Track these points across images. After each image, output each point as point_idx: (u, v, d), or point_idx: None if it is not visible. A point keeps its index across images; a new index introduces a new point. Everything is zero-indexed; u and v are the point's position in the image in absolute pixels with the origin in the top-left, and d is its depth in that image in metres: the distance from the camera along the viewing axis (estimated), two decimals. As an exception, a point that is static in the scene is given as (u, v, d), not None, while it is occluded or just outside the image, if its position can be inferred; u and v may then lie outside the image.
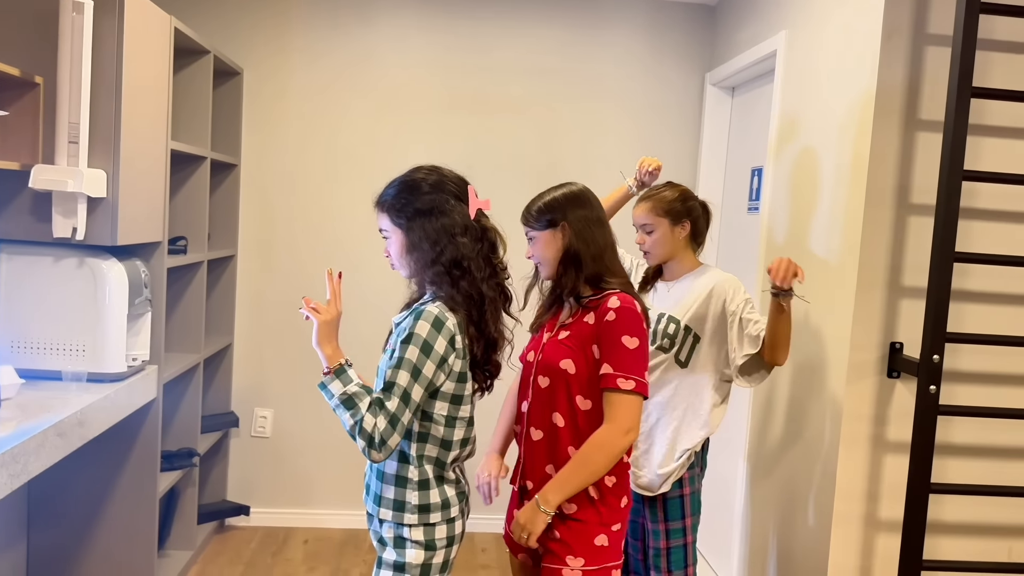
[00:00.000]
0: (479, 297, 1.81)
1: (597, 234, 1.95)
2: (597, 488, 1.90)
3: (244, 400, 3.84)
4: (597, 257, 1.94)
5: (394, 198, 1.84)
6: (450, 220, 1.80)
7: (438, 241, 1.79)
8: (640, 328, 1.87)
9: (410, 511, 1.80)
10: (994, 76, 2.23)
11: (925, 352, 2.07)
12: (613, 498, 1.92)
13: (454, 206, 1.82)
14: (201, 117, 3.23)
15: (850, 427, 2.31)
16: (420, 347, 1.73)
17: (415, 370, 1.73)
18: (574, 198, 1.97)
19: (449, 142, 3.77)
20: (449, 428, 1.83)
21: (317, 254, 3.80)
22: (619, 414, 1.85)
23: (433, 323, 1.75)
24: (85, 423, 2.23)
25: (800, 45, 2.82)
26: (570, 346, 1.92)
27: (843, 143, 2.43)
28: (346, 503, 3.90)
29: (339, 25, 3.72)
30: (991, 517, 2.35)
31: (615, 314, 1.86)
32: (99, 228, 2.40)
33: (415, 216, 1.81)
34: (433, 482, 1.82)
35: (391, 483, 1.82)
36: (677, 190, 2.45)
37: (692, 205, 2.45)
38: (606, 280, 1.93)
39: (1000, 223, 2.28)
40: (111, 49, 2.35)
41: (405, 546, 1.81)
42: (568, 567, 1.88)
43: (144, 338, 2.67)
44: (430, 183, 1.83)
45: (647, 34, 3.84)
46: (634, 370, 1.84)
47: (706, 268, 2.48)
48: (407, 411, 1.73)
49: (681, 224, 2.42)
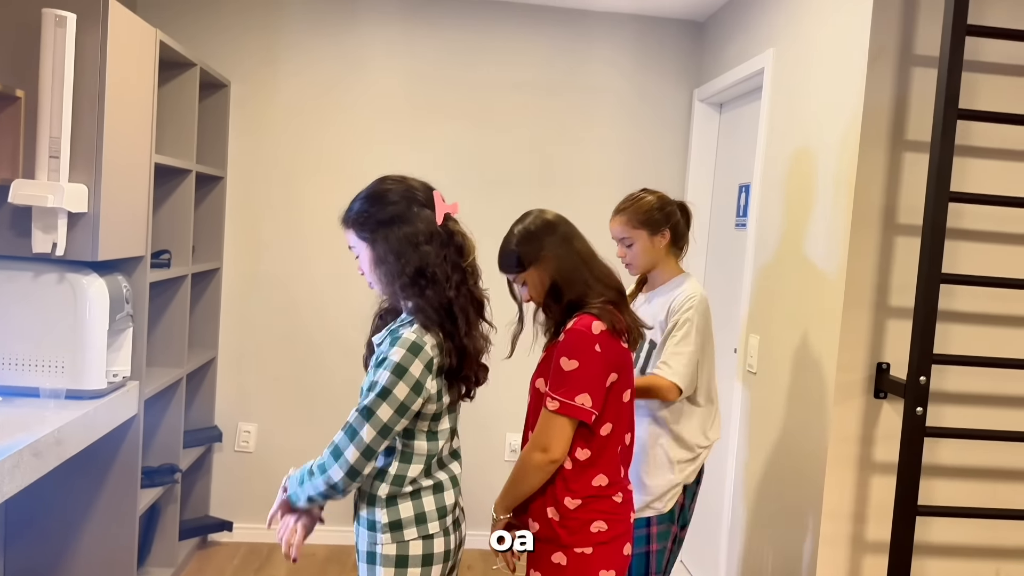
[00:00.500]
0: (448, 305, 1.78)
1: (567, 258, 1.94)
2: (556, 509, 1.89)
3: (228, 414, 3.80)
4: (573, 280, 1.92)
5: (357, 212, 1.82)
6: (413, 228, 1.77)
7: (402, 252, 1.76)
8: (584, 350, 1.83)
9: (381, 530, 1.79)
10: (980, 98, 2.23)
11: (912, 374, 2.06)
12: (575, 521, 1.88)
13: (417, 213, 1.79)
14: (187, 130, 3.21)
15: (837, 448, 2.30)
16: (392, 371, 1.71)
17: (384, 391, 1.71)
18: (534, 231, 1.96)
19: (437, 155, 3.76)
20: (432, 443, 1.82)
21: (303, 266, 3.77)
22: (538, 432, 1.87)
23: (409, 348, 1.72)
24: (63, 442, 2.19)
25: (788, 63, 2.82)
26: (543, 367, 1.96)
27: (830, 162, 2.43)
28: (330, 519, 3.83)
29: (326, 37, 3.70)
30: (978, 539, 2.34)
31: (565, 335, 1.87)
32: (80, 243, 2.37)
33: (378, 228, 1.78)
34: (405, 498, 1.79)
35: (364, 502, 1.83)
36: (652, 197, 2.38)
37: (670, 211, 2.38)
38: (585, 301, 1.91)
39: (986, 244, 2.28)
40: (94, 63, 2.33)
41: (376, 562, 1.79)
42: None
43: (125, 354, 2.63)
44: (393, 192, 1.81)
45: (634, 49, 3.84)
46: (562, 391, 1.83)
47: (684, 278, 2.40)
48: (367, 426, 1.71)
49: (661, 233, 2.37)
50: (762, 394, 2.83)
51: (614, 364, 1.88)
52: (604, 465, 1.91)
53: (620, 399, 1.92)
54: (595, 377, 1.85)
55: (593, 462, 1.90)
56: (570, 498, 1.88)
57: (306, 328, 3.79)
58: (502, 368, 2.62)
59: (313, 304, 3.79)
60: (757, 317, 2.93)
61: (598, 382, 1.85)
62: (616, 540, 1.92)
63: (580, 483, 1.89)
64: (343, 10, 3.70)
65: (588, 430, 1.88)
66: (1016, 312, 2.30)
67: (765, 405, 2.79)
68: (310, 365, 3.78)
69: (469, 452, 3.78)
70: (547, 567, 1.90)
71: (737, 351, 3.10)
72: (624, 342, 1.93)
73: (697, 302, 2.29)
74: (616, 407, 1.91)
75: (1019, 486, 2.34)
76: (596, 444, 1.89)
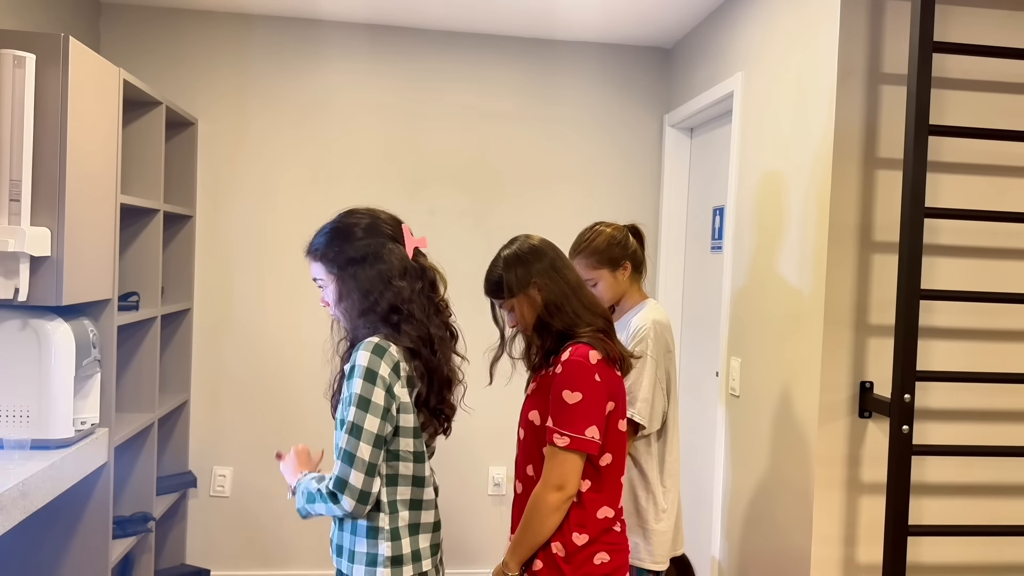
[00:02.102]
0: (428, 337, 1.75)
1: (556, 286, 1.91)
2: (563, 545, 1.85)
3: (202, 458, 3.70)
4: (563, 309, 1.89)
5: (326, 247, 1.79)
6: (387, 265, 1.75)
7: (371, 291, 1.74)
8: (585, 381, 1.81)
9: (383, 564, 1.72)
10: (949, 113, 2.25)
11: (896, 392, 2.04)
12: (583, 555, 1.86)
13: (391, 249, 1.77)
14: (153, 169, 3.15)
15: (824, 470, 2.27)
16: (363, 376, 1.67)
17: (361, 400, 1.66)
18: (522, 257, 1.94)
19: (407, 187, 3.74)
20: (419, 464, 1.77)
21: (276, 305, 3.71)
22: (550, 470, 1.82)
23: (374, 350, 1.69)
24: (28, 494, 2.10)
25: (757, 86, 2.83)
26: (536, 398, 1.91)
27: (804, 182, 2.43)
28: (312, 562, 3.77)
29: (293, 73, 3.68)
30: (969, 556, 2.32)
31: (562, 367, 1.83)
32: (43, 288, 2.29)
33: (347, 265, 1.76)
34: (407, 530, 1.75)
35: (363, 535, 1.75)
36: (607, 231, 2.35)
37: (626, 242, 2.35)
38: (575, 331, 1.89)
39: (963, 259, 2.28)
40: (55, 104, 2.27)
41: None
42: None
43: (93, 400, 2.55)
44: (363, 227, 1.78)
45: (603, 78, 3.85)
46: (570, 426, 1.79)
47: (643, 305, 2.36)
48: (360, 444, 1.65)
49: (622, 267, 2.35)
50: (746, 417, 2.80)
51: (611, 393, 1.87)
52: (608, 497, 1.90)
53: (617, 428, 1.90)
54: (599, 408, 1.82)
55: (598, 494, 1.88)
56: (578, 533, 1.85)
57: (280, 368, 3.72)
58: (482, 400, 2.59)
59: (287, 343, 3.72)
60: (738, 340, 2.91)
61: (602, 413, 1.83)
62: (618, 571, 1.91)
63: (588, 517, 1.87)
64: (308, 45, 3.68)
65: (591, 462, 1.85)
66: (996, 326, 2.30)
67: (749, 428, 2.76)
68: (285, 405, 3.71)
69: (452, 488, 3.76)
70: None
71: (719, 374, 3.08)
72: (617, 370, 1.91)
73: (647, 330, 2.26)
74: (614, 437, 1.89)
75: (1008, 502, 2.32)
76: (599, 476, 1.87)
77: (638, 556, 2.26)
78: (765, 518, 2.61)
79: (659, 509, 2.27)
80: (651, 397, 2.23)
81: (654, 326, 2.27)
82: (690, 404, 3.53)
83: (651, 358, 2.24)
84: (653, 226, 3.83)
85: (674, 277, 3.82)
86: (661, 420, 2.28)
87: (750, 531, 2.73)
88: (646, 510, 2.27)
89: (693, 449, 3.41)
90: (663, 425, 2.30)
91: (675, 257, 3.82)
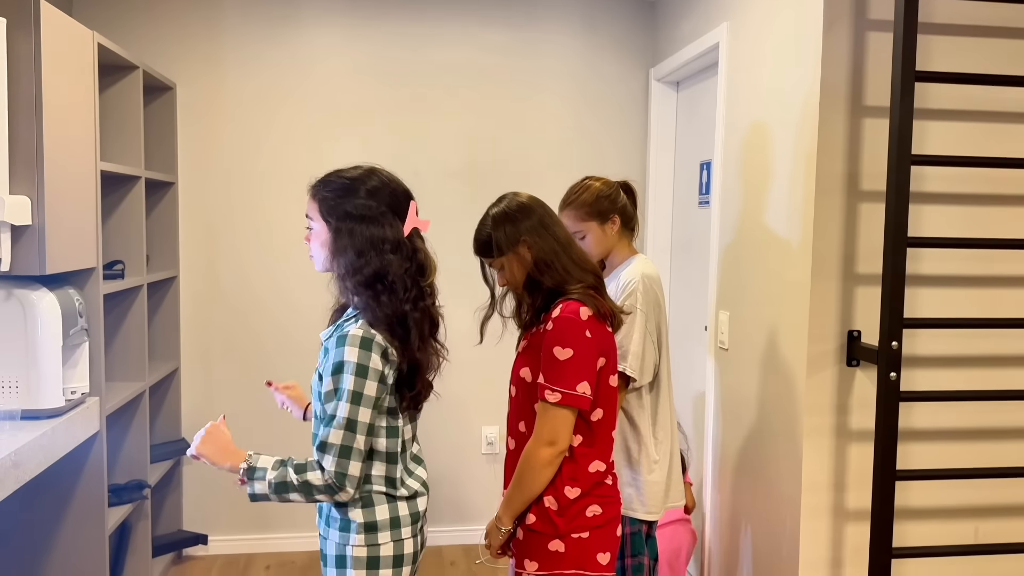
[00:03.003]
0: (402, 316, 1.73)
1: (545, 243, 1.90)
2: (555, 499, 1.87)
3: (195, 425, 3.70)
4: (553, 266, 1.89)
5: (330, 192, 1.76)
6: (381, 232, 1.73)
7: (364, 251, 1.71)
8: (576, 338, 1.81)
9: (356, 531, 1.74)
10: (935, 59, 2.23)
11: (884, 340, 2.06)
12: (575, 508, 1.88)
13: (390, 220, 1.75)
14: (133, 135, 3.10)
15: (813, 419, 2.29)
16: (354, 372, 1.66)
17: (355, 395, 1.66)
18: (511, 214, 1.92)
19: (389, 146, 3.69)
20: (392, 439, 1.77)
21: (262, 268, 3.69)
22: (541, 426, 1.84)
23: (360, 344, 1.67)
24: (21, 464, 2.10)
25: (742, 37, 2.80)
26: (527, 355, 1.92)
27: (791, 133, 2.42)
28: (308, 525, 3.80)
29: (272, 32, 3.62)
30: (956, 499, 2.36)
31: (552, 324, 1.83)
32: (26, 257, 2.27)
33: (345, 218, 1.73)
34: (380, 497, 1.76)
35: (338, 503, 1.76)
36: (597, 185, 2.34)
37: (615, 196, 2.34)
38: (565, 288, 1.89)
39: (950, 206, 2.29)
40: (28, 70, 2.23)
41: (347, 565, 1.75)
42: (526, 571, 1.91)
43: (83, 369, 2.54)
44: (369, 189, 1.75)
45: (586, 31, 3.81)
46: (561, 382, 1.80)
47: (632, 260, 2.36)
48: (356, 436, 1.66)
49: (611, 220, 2.33)
50: (735, 370, 2.82)
51: (602, 349, 1.87)
52: (599, 451, 1.91)
53: (608, 384, 1.91)
54: (590, 364, 1.83)
55: (590, 449, 1.89)
56: (570, 487, 1.88)
57: (270, 332, 3.72)
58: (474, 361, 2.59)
59: (275, 306, 3.71)
60: (726, 293, 2.92)
61: (593, 368, 1.84)
62: (610, 523, 1.93)
63: (580, 471, 1.88)
64: (286, 4, 3.61)
65: (582, 417, 1.87)
66: (982, 272, 2.31)
67: (739, 380, 2.78)
68: (277, 369, 3.70)
69: (445, 448, 3.79)
70: (544, 556, 1.88)
71: (708, 328, 3.09)
72: (608, 326, 1.91)
73: (636, 284, 2.26)
74: (605, 392, 1.90)
75: (993, 445, 2.35)
76: (591, 430, 1.89)
77: (631, 507, 2.28)
78: (756, 468, 2.64)
79: (651, 460, 2.29)
80: (641, 350, 2.23)
81: (643, 280, 2.27)
82: (680, 359, 3.55)
83: (640, 312, 2.24)
84: (641, 182, 3.81)
85: (662, 232, 3.82)
86: (652, 373, 2.29)
87: (741, 481, 2.77)
88: (638, 462, 2.29)
89: (684, 402, 3.44)
90: (655, 378, 2.32)
91: (663, 212, 3.81)
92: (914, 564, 2.33)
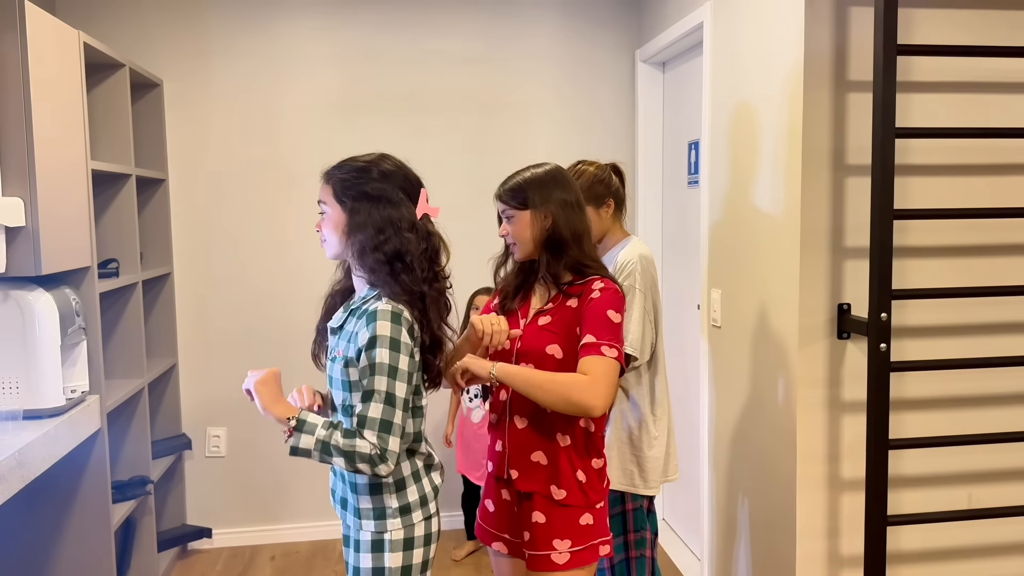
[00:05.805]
0: (420, 295, 1.76)
1: (576, 219, 1.93)
2: (585, 471, 1.92)
3: (195, 420, 3.73)
4: (577, 242, 1.92)
5: (345, 174, 1.78)
6: (397, 212, 1.76)
7: (383, 229, 1.74)
8: (620, 310, 1.87)
9: (391, 516, 1.77)
10: (917, 32, 2.25)
11: (873, 311, 2.09)
12: (598, 479, 1.95)
13: (403, 200, 1.78)
14: (122, 133, 3.11)
15: (805, 391, 2.33)
16: (389, 346, 1.68)
17: (391, 370, 1.68)
18: (552, 179, 1.94)
19: (380, 136, 3.67)
20: (417, 419, 1.81)
21: (257, 261, 3.70)
22: (600, 378, 1.76)
23: (391, 319, 1.70)
24: (25, 463, 2.12)
25: (726, 16, 2.82)
26: (554, 331, 1.90)
27: (776, 110, 2.44)
28: (311, 514, 3.83)
29: (258, 25, 3.61)
30: (949, 467, 2.39)
31: (600, 292, 1.86)
32: (21, 259, 2.28)
33: (360, 198, 1.75)
34: (410, 479, 1.79)
35: (366, 492, 1.78)
36: (590, 170, 2.36)
37: (608, 180, 2.37)
38: (586, 265, 1.92)
39: (935, 177, 2.31)
40: (15, 71, 2.23)
41: (384, 549, 1.77)
42: (556, 551, 1.88)
43: (82, 368, 2.56)
44: (381, 171, 1.78)
45: (572, 14, 3.81)
46: (617, 339, 1.84)
47: (627, 241, 2.39)
48: (396, 411, 1.68)
49: (606, 204, 2.37)
50: (728, 347, 2.85)
51: None
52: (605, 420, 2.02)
53: None
54: None
55: (603, 420, 1.98)
56: (596, 459, 1.95)
57: (266, 325, 3.73)
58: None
59: (270, 300, 3.73)
60: (717, 271, 2.94)
61: None
62: (608, 484, 2.01)
63: (599, 443, 1.97)
64: (272, -2, 3.61)
65: None
66: (968, 242, 2.34)
67: (732, 357, 2.82)
68: (274, 361, 3.72)
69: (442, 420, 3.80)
70: (577, 531, 1.90)
71: (700, 307, 3.12)
72: None
73: (635, 264, 2.29)
74: None
75: (983, 411, 2.39)
76: None
77: (633, 483, 2.32)
78: (751, 442, 2.68)
79: (651, 437, 2.34)
80: (641, 329, 2.27)
81: (640, 260, 2.30)
82: (673, 338, 3.58)
83: (639, 291, 2.27)
84: (630, 163, 3.83)
85: (652, 213, 3.84)
86: (650, 351, 2.33)
87: (737, 456, 2.80)
88: (639, 439, 2.33)
89: (677, 381, 3.47)
90: (652, 356, 2.35)
91: (652, 193, 3.83)
92: (909, 531, 2.37)
